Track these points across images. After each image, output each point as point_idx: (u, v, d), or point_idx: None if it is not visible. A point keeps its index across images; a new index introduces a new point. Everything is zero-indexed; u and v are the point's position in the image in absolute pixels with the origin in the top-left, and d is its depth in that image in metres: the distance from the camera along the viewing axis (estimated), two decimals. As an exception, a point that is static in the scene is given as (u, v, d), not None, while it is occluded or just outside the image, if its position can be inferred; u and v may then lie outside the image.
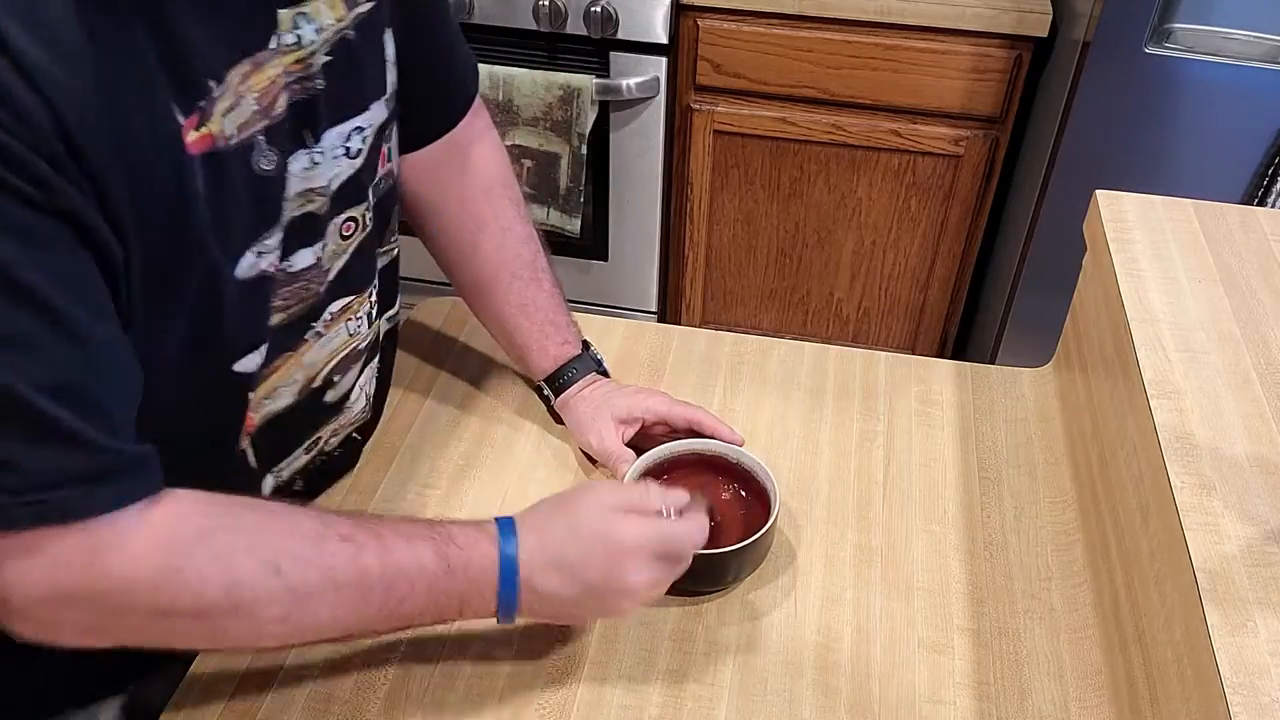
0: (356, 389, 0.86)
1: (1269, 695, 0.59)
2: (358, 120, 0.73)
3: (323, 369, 0.80)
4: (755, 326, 2.18)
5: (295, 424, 0.81)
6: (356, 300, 0.81)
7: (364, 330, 0.83)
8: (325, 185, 0.72)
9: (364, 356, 0.86)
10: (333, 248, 0.75)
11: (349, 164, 0.74)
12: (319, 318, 0.77)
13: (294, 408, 0.79)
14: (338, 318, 0.79)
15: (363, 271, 0.81)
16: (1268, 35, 1.48)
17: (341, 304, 0.79)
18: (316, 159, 0.70)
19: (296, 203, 0.70)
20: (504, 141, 1.90)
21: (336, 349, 0.81)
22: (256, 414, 0.76)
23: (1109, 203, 0.98)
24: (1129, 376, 0.83)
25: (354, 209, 0.76)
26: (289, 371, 0.76)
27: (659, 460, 0.88)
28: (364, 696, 0.76)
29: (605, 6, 1.77)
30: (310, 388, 0.80)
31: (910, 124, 1.86)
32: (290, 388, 0.77)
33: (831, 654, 0.80)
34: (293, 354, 0.76)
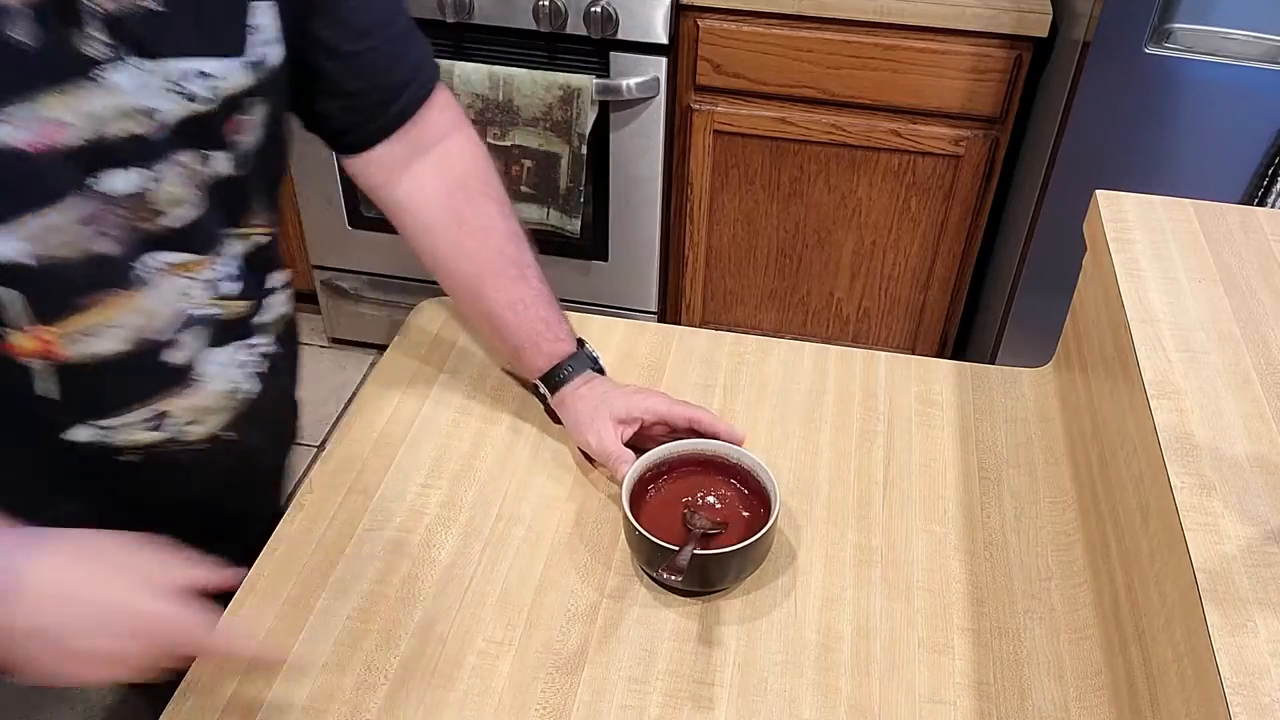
0: (212, 366, 0.82)
1: (1269, 695, 0.59)
2: (201, 64, 0.72)
3: (161, 324, 0.77)
4: (755, 326, 2.18)
5: (125, 378, 0.77)
6: (195, 262, 0.78)
7: (201, 297, 0.79)
8: (157, 112, 0.70)
9: (219, 333, 0.82)
10: (169, 191, 0.73)
11: (187, 106, 0.72)
12: (139, 258, 0.74)
13: (125, 359, 0.75)
14: (170, 271, 0.76)
15: (205, 236, 0.78)
16: (1267, 35, 1.48)
17: (179, 258, 0.76)
18: (146, 79, 0.69)
19: (115, 120, 0.68)
20: (504, 141, 1.91)
21: (169, 303, 0.77)
22: (70, 347, 0.73)
23: (1109, 203, 0.98)
24: (1129, 376, 0.83)
25: (189, 157, 0.74)
26: (114, 313, 0.74)
27: (659, 460, 0.88)
28: (364, 696, 0.76)
29: (605, 6, 1.77)
30: (143, 338, 0.76)
31: (910, 124, 1.86)
32: (117, 331, 0.74)
33: (831, 654, 0.80)
34: (123, 292, 0.73)
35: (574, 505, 0.91)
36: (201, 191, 0.76)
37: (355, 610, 0.82)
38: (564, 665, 0.78)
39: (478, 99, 1.87)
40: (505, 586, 0.84)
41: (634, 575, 0.85)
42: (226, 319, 0.82)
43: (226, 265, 0.81)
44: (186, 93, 0.71)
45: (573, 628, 0.81)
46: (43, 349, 0.73)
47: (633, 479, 0.85)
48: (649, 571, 0.83)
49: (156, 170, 0.72)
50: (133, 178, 0.71)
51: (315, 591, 0.83)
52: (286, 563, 0.85)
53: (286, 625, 0.81)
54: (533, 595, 0.83)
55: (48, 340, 0.72)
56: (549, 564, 0.86)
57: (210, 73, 0.72)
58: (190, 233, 0.76)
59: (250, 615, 0.81)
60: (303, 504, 0.90)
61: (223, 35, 0.74)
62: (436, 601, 0.82)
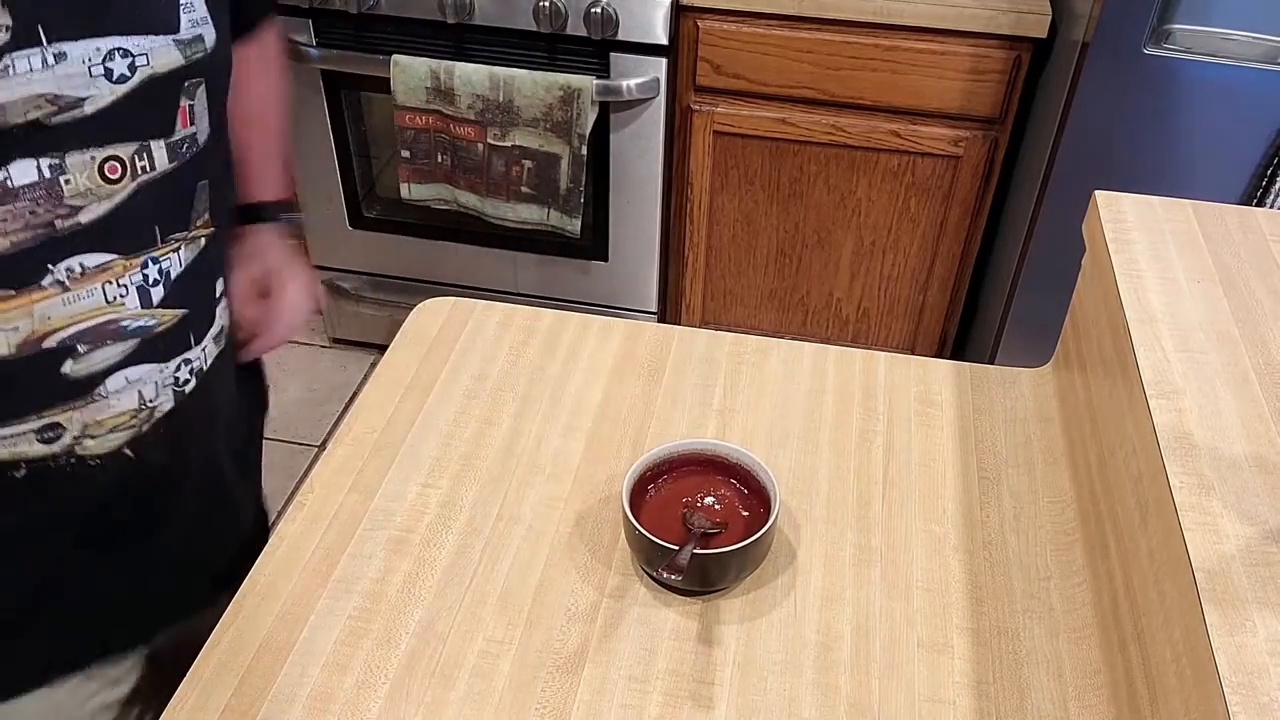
0: (120, 380, 0.76)
1: (1268, 695, 0.59)
2: (122, 42, 0.67)
3: (61, 330, 0.71)
4: (755, 326, 2.18)
5: (13, 385, 0.71)
6: (121, 263, 0.73)
7: (130, 305, 0.74)
8: (72, 100, 0.65)
9: (132, 343, 0.76)
10: (85, 184, 0.68)
11: (109, 88, 0.67)
12: (58, 261, 0.69)
13: (11, 363, 0.70)
14: (91, 275, 0.71)
15: (133, 234, 0.73)
16: (1267, 36, 1.48)
17: (98, 260, 0.71)
18: (51, 61, 0.63)
19: (17, 105, 0.63)
20: (504, 142, 1.92)
21: (86, 311, 0.72)
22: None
23: (1108, 203, 0.98)
24: (1128, 376, 0.83)
25: (120, 147, 0.69)
26: (8, 315, 0.68)
27: (659, 460, 0.88)
28: (364, 696, 0.76)
29: (605, 7, 1.77)
30: (40, 346, 0.71)
31: (910, 125, 1.86)
32: (6, 335, 0.69)
33: (831, 654, 0.80)
34: (17, 295, 0.68)
35: (574, 505, 0.91)
36: (131, 186, 0.71)
37: (355, 610, 0.82)
38: (564, 665, 0.78)
39: (478, 99, 1.87)
40: (505, 586, 0.84)
41: (634, 575, 0.85)
42: (160, 330, 0.77)
43: (161, 270, 0.76)
44: (106, 73, 0.67)
45: (573, 628, 0.81)
46: None
47: (633, 479, 0.85)
48: (649, 571, 0.84)
49: (70, 161, 0.67)
50: (37, 168, 0.66)
51: (315, 591, 0.83)
52: (286, 563, 0.85)
53: (287, 625, 0.81)
54: (533, 595, 0.83)
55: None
56: (549, 564, 0.86)
57: (131, 50, 0.68)
58: (113, 232, 0.71)
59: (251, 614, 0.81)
60: (303, 504, 0.90)
61: (149, 10, 0.69)
62: (436, 601, 0.83)
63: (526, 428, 0.98)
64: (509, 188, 1.98)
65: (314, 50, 1.94)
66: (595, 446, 0.96)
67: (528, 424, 0.98)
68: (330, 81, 2.01)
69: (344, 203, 2.17)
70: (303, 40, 1.95)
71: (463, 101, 1.88)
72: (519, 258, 2.15)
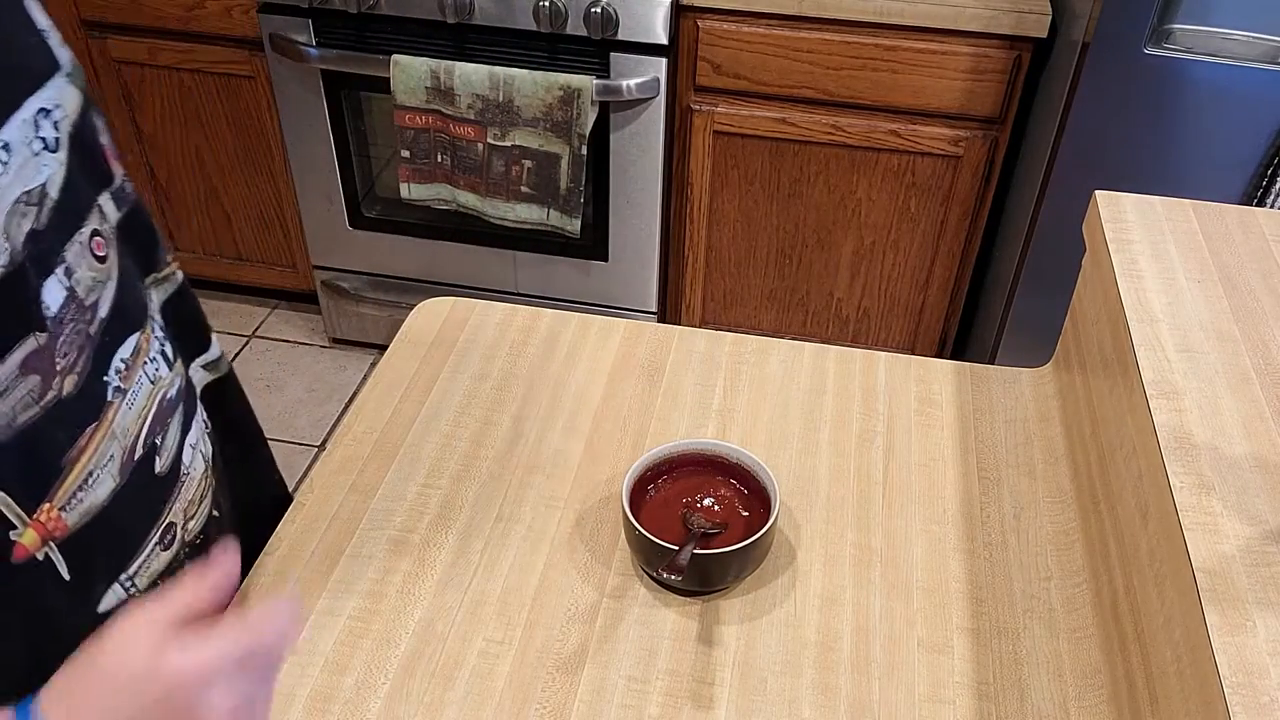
0: (187, 450, 0.73)
1: (1268, 695, 0.59)
2: (36, 101, 0.59)
3: (138, 433, 0.67)
4: (755, 327, 2.18)
5: (131, 512, 0.67)
6: (143, 338, 0.68)
7: (164, 373, 0.70)
8: (38, 190, 0.58)
9: (179, 408, 0.72)
10: (90, 275, 0.62)
11: (53, 160, 0.60)
12: (108, 368, 0.64)
13: (122, 492, 0.65)
14: (133, 365, 0.66)
15: (134, 303, 0.68)
16: (1267, 36, 1.48)
17: (131, 345, 0.66)
18: (5, 158, 0.56)
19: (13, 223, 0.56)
20: (504, 142, 1.92)
21: (145, 404, 0.68)
22: (70, 512, 0.62)
23: (1108, 203, 0.98)
24: (1128, 376, 0.83)
25: (91, 219, 0.63)
26: (101, 446, 0.63)
27: (659, 460, 0.88)
28: (364, 696, 0.76)
29: (605, 7, 1.77)
30: (133, 460, 0.67)
31: (909, 124, 1.86)
32: (109, 468, 0.64)
33: (831, 654, 0.80)
34: (99, 424, 0.63)
35: (574, 505, 0.91)
36: (113, 255, 0.65)
37: (355, 610, 0.82)
38: (564, 665, 0.78)
39: (478, 99, 1.87)
40: (505, 586, 0.84)
41: (634, 575, 0.85)
42: (181, 391, 0.73)
43: (155, 323, 0.71)
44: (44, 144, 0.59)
45: (573, 628, 0.81)
46: (46, 533, 0.61)
47: (633, 479, 0.85)
48: (649, 571, 0.84)
49: (70, 257, 0.61)
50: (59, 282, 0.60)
51: (315, 591, 0.83)
52: (287, 562, 0.85)
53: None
54: (532, 595, 0.83)
55: (49, 520, 0.61)
56: (549, 564, 0.86)
57: (48, 106, 0.60)
58: (125, 310, 0.66)
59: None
60: (303, 504, 0.90)
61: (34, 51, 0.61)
62: (436, 601, 0.83)
63: (526, 428, 0.98)
64: (509, 188, 1.98)
65: (314, 50, 1.94)
66: (595, 446, 0.96)
67: (528, 424, 0.98)
68: (330, 81, 2.01)
69: (344, 203, 2.17)
70: (303, 40, 1.95)
71: (463, 101, 1.88)
72: (519, 258, 2.15)
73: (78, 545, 0.63)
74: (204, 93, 2.14)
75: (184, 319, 0.76)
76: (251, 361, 2.36)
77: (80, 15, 2.07)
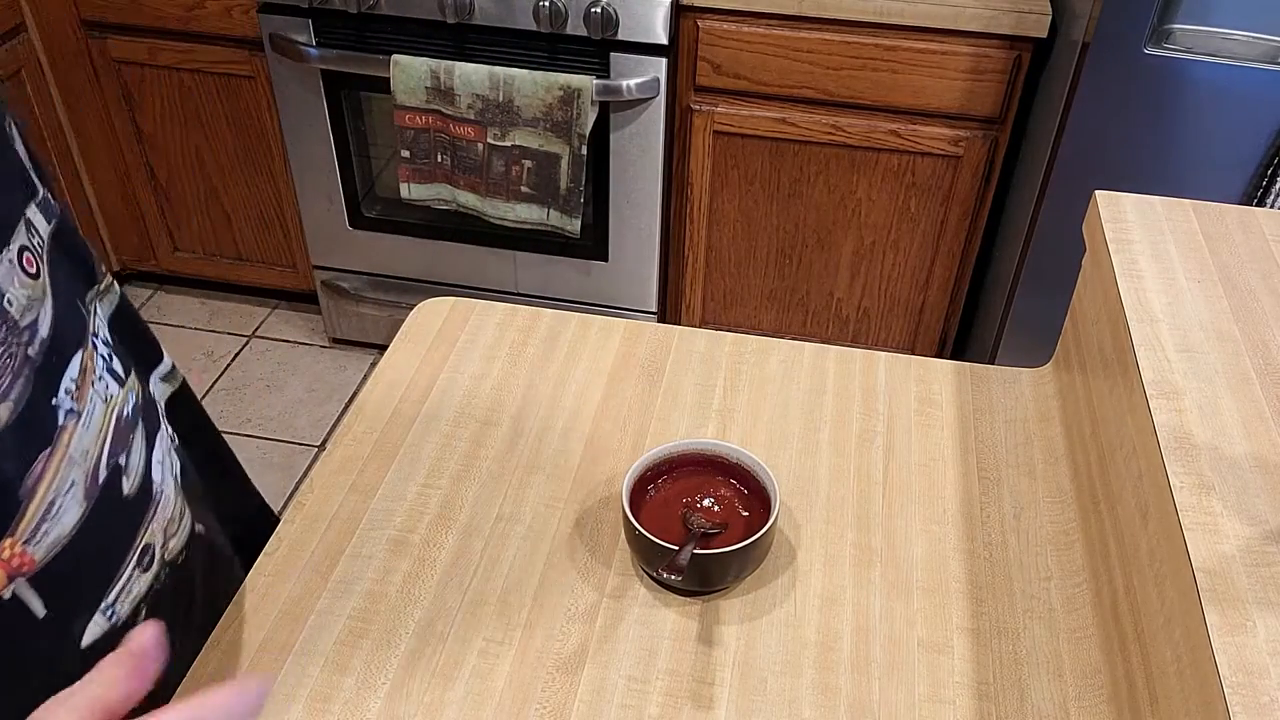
0: (155, 467, 0.70)
1: (1268, 695, 0.59)
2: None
3: (99, 455, 0.63)
4: (755, 327, 2.18)
5: (103, 538, 0.64)
6: (86, 356, 0.64)
7: (115, 391, 0.67)
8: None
9: (138, 425, 0.69)
10: (24, 293, 0.59)
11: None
12: (57, 390, 0.60)
13: (90, 518, 0.62)
14: (83, 385, 0.63)
15: (73, 319, 0.64)
16: (1267, 36, 1.48)
17: (75, 366, 0.63)
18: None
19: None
20: (504, 142, 1.92)
21: (101, 424, 0.64)
22: (36, 546, 0.58)
23: (1108, 203, 0.98)
24: (1128, 376, 0.83)
25: (20, 234, 0.60)
26: (60, 473, 0.60)
27: (659, 460, 0.88)
28: (364, 696, 0.76)
29: (605, 7, 1.77)
30: (98, 485, 0.63)
31: (909, 124, 1.86)
32: (72, 494, 0.61)
33: (831, 654, 0.80)
34: (54, 450, 0.59)
35: (574, 505, 0.91)
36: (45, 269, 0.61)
37: (355, 610, 0.82)
38: (564, 665, 0.78)
39: (478, 99, 1.87)
40: (505, 586, 0.84)
41: (634, 575, 0.85)
42: (138, 408, 0.70)
43: (104, 340, 0.68)
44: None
45: (573, 628, 0.81)
46: (13, 570, 0.57)
47: (633, 479, 0.85)
48: (649, 571, 0.84)
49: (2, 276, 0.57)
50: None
51: (315, 591, 0.83)
52: (286, 563, 0.85)
53: (287, 625, 0.81)
54: (532, 595, 0.83)
55: (12, 555, 0.57)
56: (549, 564, 0.86)
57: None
58: (63, 328, 0.62)
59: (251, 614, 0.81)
60: (303, 504, 0.90)
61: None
62: (436, 601, 0.83)
63: (526, 428, 0.98)
64: (509, 188, 1.98)
65: (314, 50, 1.95)
66: (595, 446, 0.96)
67: (528, 424, 0.98)
68: (330, 81, 2.01)
69: (344, 203, 2.17)
70: (303, 40, 1.95)
71: (462, 101, 1.88)
72: (519, 258, 2.15)
73: (50, 578, 0.59)
74: (204, 93, 2.14)
75: (133, 332, 0.73)
76: (251, 361, 2.37)
77: (80, 15, 2.07)
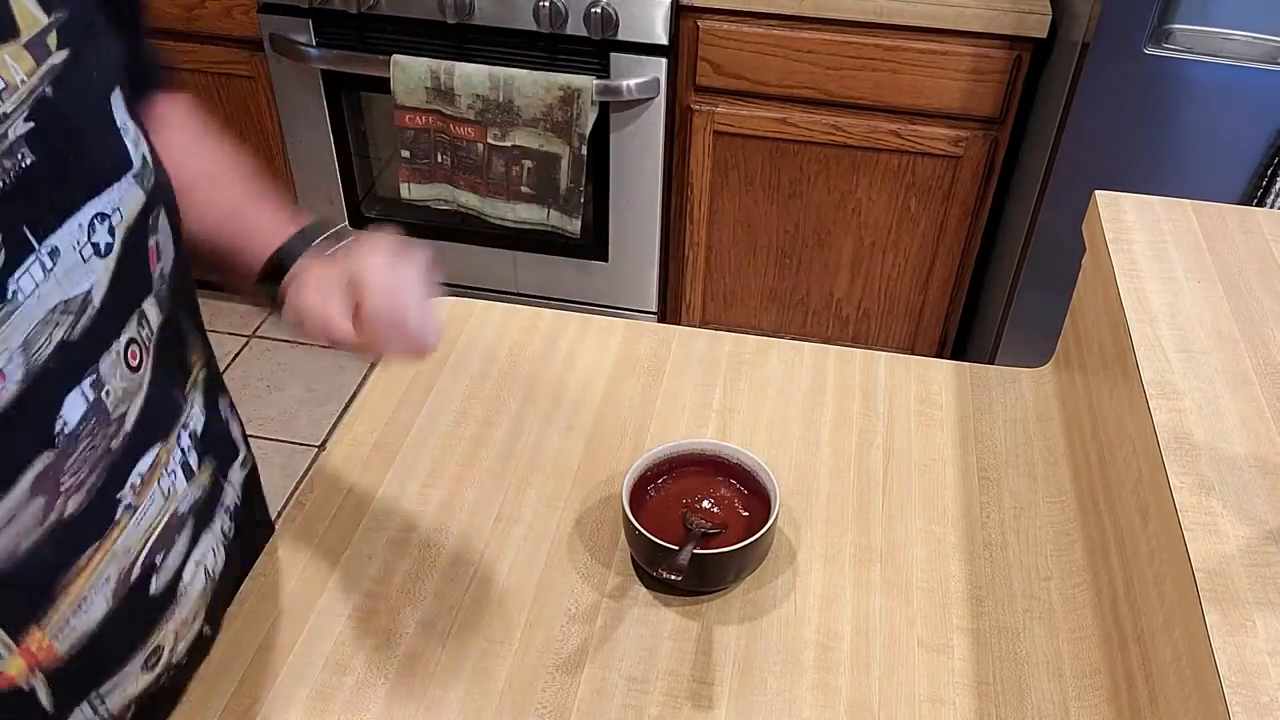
0: (190, 566, 0.68)
1: (1268, 695, 0.59)
2: (96, 205, 0.56)
3: (140, 553, 0.62)
4: (755, 327, 2.18)
5: (117, 637, 0.62)
6: (164, 449, 0.63)
7: (180, 486, 0.65)
8: (79, 298, 0.55)
9: (190, 523, 0.67)
10: (122, 386, 0.58)
11: (102, 265, 0.56)
12: (124, 484, 0.60)
13: (113, 616, 0.61)
14: (149, 480, 0.62)
15: (166, 409, 0.64)
16: (1267, 36, 1.48)
17: (149, 459, 0.62)
18: (50, 264, 0.52)
19: (41, 333, 0.52)
20: (504, 142, 1.92)
21: (153, 521, 0.63)
22: (61, 640, 0.57)
23: (1108, 203, 0.98)
24: (1128, 377, 0.83)
25: (131, 327, 0.59)
26: (99, 568, 0.58)
27: (659, 460, 0.88)
28: (364, 696, 0.76)
29: (605, 7, 1.77)
30: (129, 582, 0.62)
31: (910, 125, 1.86)
32: (103, 591, 0.59)
33: (831, 654, 0.80)
34: (101, 545, 0.58)
35: (574, 505, 0.91)
36: (149, 362, 0.61)
37: (355, 610, 0.82)
38: (564, 665, 0.78)
39: (478, 99, 1.87)
40: (505, 586, 0.84)
41: (634, 575, 0.85)
42: (206, 495, 0.69)
43: (191, 434, 0.67)
44: (95, 250, 0.56)
45: (573, 628, 0.81)
46: (35, 662, 0.56)
47: (633, 479, 0.85)
48: (649, 571, 0.84)
49: (104, 368, 0.57)
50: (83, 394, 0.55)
51: (315, 591, 0.83)
52: (287, 562, 0.85)
53: (287, 625, 0.81)
54: (533, 595, 0.83)
55: (39, 648, 0.56)
56: (549, 564, 0.86)
57: (106, 211, 0.57)
58: (150, 422, 0.62)
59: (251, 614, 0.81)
60: (303, 504, 0.90)
61: (104, 151, 0.58)
62: (436, 601, 0.83)
63: (526, 428, 0.98)
64: (509, 188, 1.98)
65: (314, 50, 1.95)
66: (595, 446, 0.96)
67: (528, 424, 0.98)
68: (330, 81, 2.01)
69: (344, 203, 2.17)
70: (303, 40, 1.95)
71: (463, 101, 1.88)
72: (519, 258, 2.15)
73: (63, 672, 0.58)
74: (204, 93, 2.14)
75: (216, 419, 0.71)
76: (251, 361, 2.37)
77: (80, 15, 2.07)
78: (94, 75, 0.58)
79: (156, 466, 0.62)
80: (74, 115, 0.55)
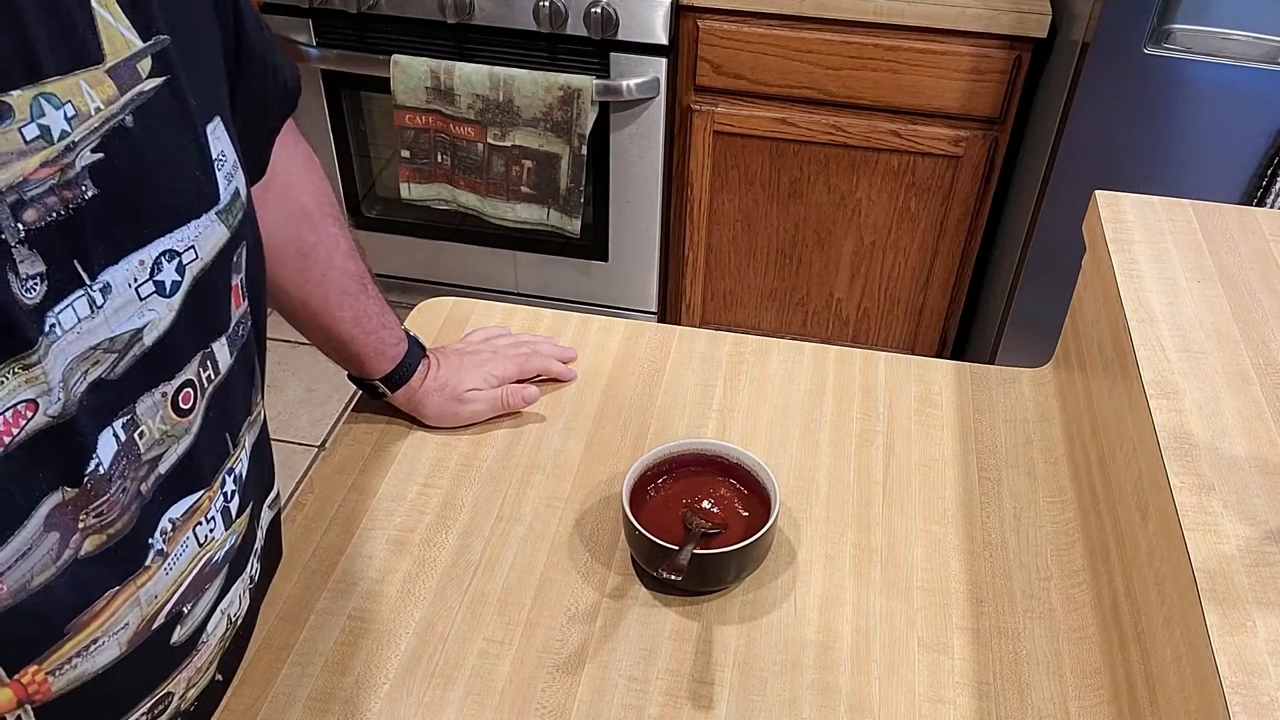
0: (216, 615, 0.65)
1: (1268, 695, 0.59)
2: (166, 242, 0.54)
3: (166, 601, 0.59)
4: (755, 327, 2.18)
5: (123, 682, 0.59)
6: (205, 496, 0.61)
7: (218, 534, 0.63)
8: (126, 336, 0.53)
9: (224, 570, 0.65)
10: (160, 429, 0.56)
11: (164, 305, 0.54)
12: (154, 530, 0.57)
13: (124, 662, 0.58)
14: (182, 526, 0.59)
15: (213, 453, 0.61)
16: (1267, 36, 1.48)
17: (185, 505, 0.59)
18: (99, 301, 0.50)
19: (78, 369, 0.50)
20: (504, 142, 1.92)
21: (184, 570, 0.60)
22: (58, 678, 0.54)
23: (1108, 203, 0.98)
24: (1128, 376, 0.83)
25: (188, 370, 0.57)
26: (118, 613, 0.56)
27: (659, 460, 0.88)
28: (364, 696, 0.76)
29: (605, 7, 1.77)
30: (150, 630, 0.59)
31: (910, 125, 1.86)
32: (117, 636, 0.57)
33: (831, 654, 0.80)
34: (122, 590, 0.56)
35: (574, 505, 0.91)
36: (201, 406, 0.59)
37: (355, 610, 0.82)
38: (564, 665, 0.78)
39: (478, 99, 1.87)
40: (505, 586, 0.84)
41: (634, 575, 0.85)
42: (241, 542, 0.66)
43: (236, 479, 0.65)
44: (157, 289, 0.54)
45: (573, 628, 0.81)
46: (25, 696, 0.54)
47: (633, 479, 0.85)
48: (649, 571, 0.84)
49: (141, 409, 0.55)
50: (114, 435, 0.54)
51: (315, 591, 0.83)
52: (287, 563, 0.85)
53: (287, 625, 0.81)
54: (533, 595, 0.83)
55: (31, 682, 0.54)
56: (549, 564, 0.86)
57: (177, 249, 0.54)
58: (192, 468, 0.59)
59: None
60: (303, 504, 0.90)
61: (188, 188, 0.56)
62: (436, 601, 0.83)
63: (526, 428, 0.98)
64: (509, 188, 1.98)
65: (314, 50, 1.95)
66: (595, 446, 0.96)
67: (527, 424, 0.98)
68: (330, 81, 2.01)
69: (344, 203, 2.17)
70: (303, 40, 1.95)
71: (463, 101, 1.88)
72: (519, 258, 2.15)
73: (55, 711, 0.55)
74: (204, 93, 2.14)
75: (259, 462, 0.69)
76: (251, 361, 2.36)
77: (80, 15, 2.07)
78: (190, 104, 0.55)
79: (195, 513, 0.60)
80: (154, 147, 0.52)
